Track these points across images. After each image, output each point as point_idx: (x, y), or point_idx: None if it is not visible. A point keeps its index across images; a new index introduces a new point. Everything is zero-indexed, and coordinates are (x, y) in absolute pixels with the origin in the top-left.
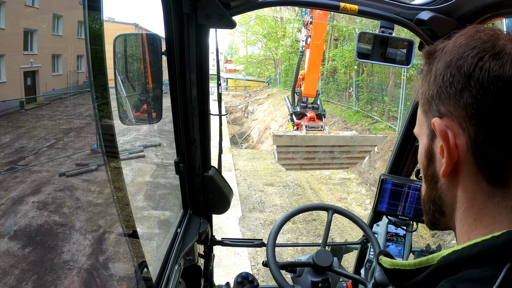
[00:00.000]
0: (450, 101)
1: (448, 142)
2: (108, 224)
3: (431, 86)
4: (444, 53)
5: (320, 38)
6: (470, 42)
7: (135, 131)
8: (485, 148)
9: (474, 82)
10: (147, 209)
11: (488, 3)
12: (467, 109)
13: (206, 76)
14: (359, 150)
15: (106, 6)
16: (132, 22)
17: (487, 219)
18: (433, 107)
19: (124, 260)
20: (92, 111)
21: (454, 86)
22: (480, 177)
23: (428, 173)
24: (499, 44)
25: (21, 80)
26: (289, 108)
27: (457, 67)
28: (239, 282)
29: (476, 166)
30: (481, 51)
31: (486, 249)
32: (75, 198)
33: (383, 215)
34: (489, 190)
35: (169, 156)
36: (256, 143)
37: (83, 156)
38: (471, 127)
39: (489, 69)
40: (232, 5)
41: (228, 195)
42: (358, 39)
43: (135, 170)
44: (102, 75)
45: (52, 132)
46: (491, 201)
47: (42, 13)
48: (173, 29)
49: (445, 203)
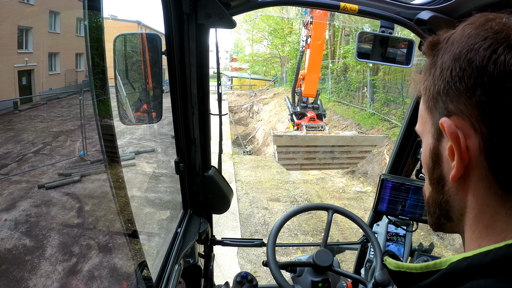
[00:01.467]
0: (460, 98)
1: (459, 144)
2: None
3: (437, 81)
4: (450, 44)
5: (320, 38)
6: (480, 32)
7: (129, 134)
8: (500, 150)
9: (488, 77)
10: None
11: (488, 3)
12: (480, 108)
13: (206, 75)
14: (359, 150)
15: (107, 4)
16: (135, 19)
17: (499, 225)
18: (439, 104)
19: (124, 260)
20: (88, 111)
21: (464, 82)
22: (493, 182)
23: (434, 176)
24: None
25: (15, 80)
26: (289, 108)
27: (468, 61)
28: (238, 282)
29: (489, 169)
30: (494, 43)
31: (499, 258)
32: (75, 197)
33: (383, 215)
34: (503, 195)
35: (166, 161)
36: (261, 145)
37: (68, 164)
38: (484, 127)
39: (505, 62)
40: (232, 5)
41: (228, 195)
42: (358, 39)
43: (135, 171)
44: (102, 74)
45: (41, 136)
46: (504, 207)
47: (38, 10)
48: (173, 28)
49: (453, 208)
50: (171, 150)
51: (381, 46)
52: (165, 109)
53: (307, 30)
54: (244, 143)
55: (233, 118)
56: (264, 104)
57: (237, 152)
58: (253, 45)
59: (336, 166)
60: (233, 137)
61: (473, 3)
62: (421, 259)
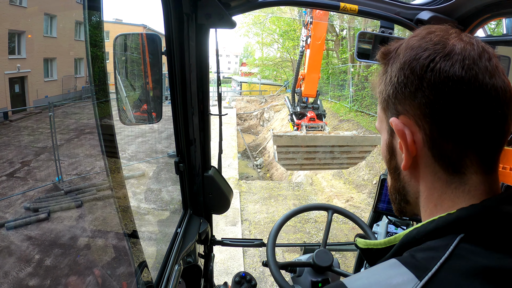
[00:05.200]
0: (406, 100)
1: (406, 139)
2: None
3: (387, 87)
4: (397, 55)
5: (320, 38)
6: (422, 44)
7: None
8: (440, 142)
9: (427, 83)
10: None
11: (488, 3)
12: (422, 108)
13: (206, 76)
14: (359, 150)
15: (112, 8)
16: (140, 23)
17: (446, 202)
18: (390, 105)
19: (124, 260)
20: (86, 121)
21: (408, 87)
22: (438, 168)
23: (391, 166)
24: (449, 45)
25: (6, 88)
26: (289, 108)
27: (411, 69)
28: (237, 282)
29: (433, 158)
30: (432, 53)
31: (441, 223)
32: (37, 243)
33: (383, 215)
34: (447, 178)
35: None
36: (272, 158)
37: (41, 193)
38: (426, 124)
39: (440, 70)
40: (232, 5)
41: (228, 195)
42: (358, 39)
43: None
44: (103, 81)
45: (22, 153)
46: (449, 187)
47: (31, 12)
48: (173, 28)
49: (409, 193)
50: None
51: (381, 46)
52: (165, 111)
53: (307, 30)
54: (253, 155)
55: (242, 126)
56: (276, 111)
57: (246, 165)
58: (263, 49)
59: (336, 166)
60: (242, 148)
61: (473, 3)
62: None
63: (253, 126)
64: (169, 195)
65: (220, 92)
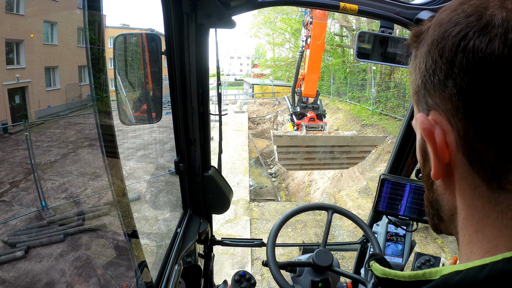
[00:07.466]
0: (435, 92)
1: (434, 141)
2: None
3: (417, 75)
4: (427, 35)
5: (320, 38)
6: (453, 17)
7: None
8: (478, 146)
9: (457, 67)
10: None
11: None
12: (453, 101)
13: (206, 76)
14: (359, 150)
15: (109, 10)
16: (148, 27)
17: (490, 230)
18: (421, 98)
19: (124, 260)
20: (87, 131)
21: (437, 75)
22: (478, 181)
23: (425, 173)
24: (486, 15)
25: (5, 99)
26: (289, 108)
27: (438, 51)
28: (236, 280)
29: (471, 167)
30: (464, 28)
31: (494, 275)
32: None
33: (383, 215)
34: (490, 196)
35: None
36: None
37: (24, 222)
38: (459, 121)
39: (474, 49)
40: (232, 5)
41: (228, 195)
42: (358, 38)
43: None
44: (105, 89)
45: (15, 172)
46: (494, 210)
47: (30, 20)
48: (173, 28)
49: (442, 208)
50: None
51: (381, 46)
52: (165, 113)
53: (307, 30)
54: (267, 162)
55: (256, 130)
56: None
57: (260, 174)
58: (274, 49)
59: (336, 166)
60: (255, 155)
61: None
62: (423, 258)
63: (266, 130)
64: (169, 195)
65: (220, 92)
